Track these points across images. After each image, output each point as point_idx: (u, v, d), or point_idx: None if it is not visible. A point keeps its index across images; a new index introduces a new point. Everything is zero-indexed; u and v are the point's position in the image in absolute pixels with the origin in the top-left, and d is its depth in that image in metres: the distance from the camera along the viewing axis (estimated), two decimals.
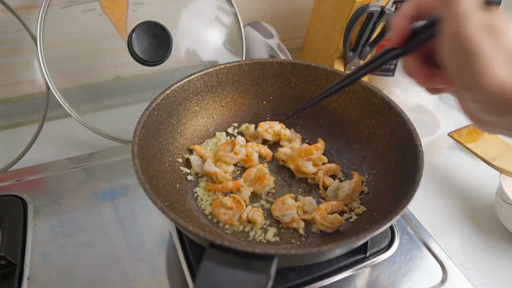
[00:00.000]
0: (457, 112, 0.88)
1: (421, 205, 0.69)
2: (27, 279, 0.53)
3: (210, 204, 0.59)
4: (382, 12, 0.74)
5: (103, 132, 0.75)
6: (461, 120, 0.85)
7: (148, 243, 0.58)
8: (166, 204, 0.48)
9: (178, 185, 0.60)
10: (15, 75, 0.78)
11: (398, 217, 0.44)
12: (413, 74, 0.40)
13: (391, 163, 0.59)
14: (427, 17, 0.37)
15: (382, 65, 0.44)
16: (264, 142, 0.70)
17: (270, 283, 0.37)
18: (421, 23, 0.38)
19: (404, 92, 0.89)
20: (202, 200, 0.60)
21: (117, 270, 0.55)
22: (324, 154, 0.68)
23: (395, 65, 0.88)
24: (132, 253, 0.57)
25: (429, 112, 0.84)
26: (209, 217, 0.58)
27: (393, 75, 0.89)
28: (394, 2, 0.82)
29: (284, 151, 0.66)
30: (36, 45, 0.69)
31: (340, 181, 0.63)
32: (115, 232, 0.60)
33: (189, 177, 0.62)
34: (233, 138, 0.69)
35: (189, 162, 0.64)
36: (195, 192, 0.61)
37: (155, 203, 0.44)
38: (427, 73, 0.39)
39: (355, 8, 0.75)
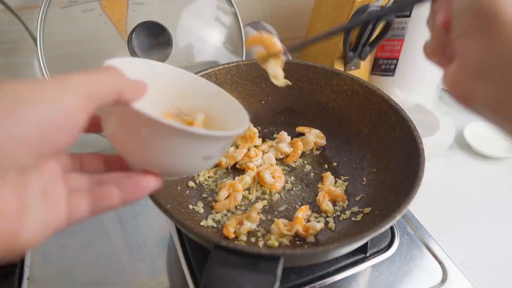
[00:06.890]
0: (457, 112, 0.89)
1: (421, 205, 0.68)
2: (27, 279, 0.53)
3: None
4: None
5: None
6: (461, 120, 0.85)
7: (148, 243, 0.58)
8: (168, 206, 0.48)
9: (179, 187, 0.59)
10: (15, 75, 0.78)
11: (402, 214, 0.44)
12: (432, 30, 0.34)
13: (392, 161, 0.59)
14: None
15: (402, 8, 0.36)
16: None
17: (277, 284, 0.37)
18: None
19: (404, 92, 0.88)
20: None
21: (117, 270, 0.55)
22: (324, 153, 0.68)
23: (395, 65, 0.88)
24: (132, 253, 0.57)
25: (429, 112, 0.84)
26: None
27: (393, 75, 0.89)
28: (394, 2, 0.82)
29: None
30: (36, 45, 0.69)
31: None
32: (115, 232, 0.60)
33: (190, 183, 0.61)
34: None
35: None
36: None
37: (159, 206, 0.44)
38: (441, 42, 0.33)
39: (355, 8, 0.75)
